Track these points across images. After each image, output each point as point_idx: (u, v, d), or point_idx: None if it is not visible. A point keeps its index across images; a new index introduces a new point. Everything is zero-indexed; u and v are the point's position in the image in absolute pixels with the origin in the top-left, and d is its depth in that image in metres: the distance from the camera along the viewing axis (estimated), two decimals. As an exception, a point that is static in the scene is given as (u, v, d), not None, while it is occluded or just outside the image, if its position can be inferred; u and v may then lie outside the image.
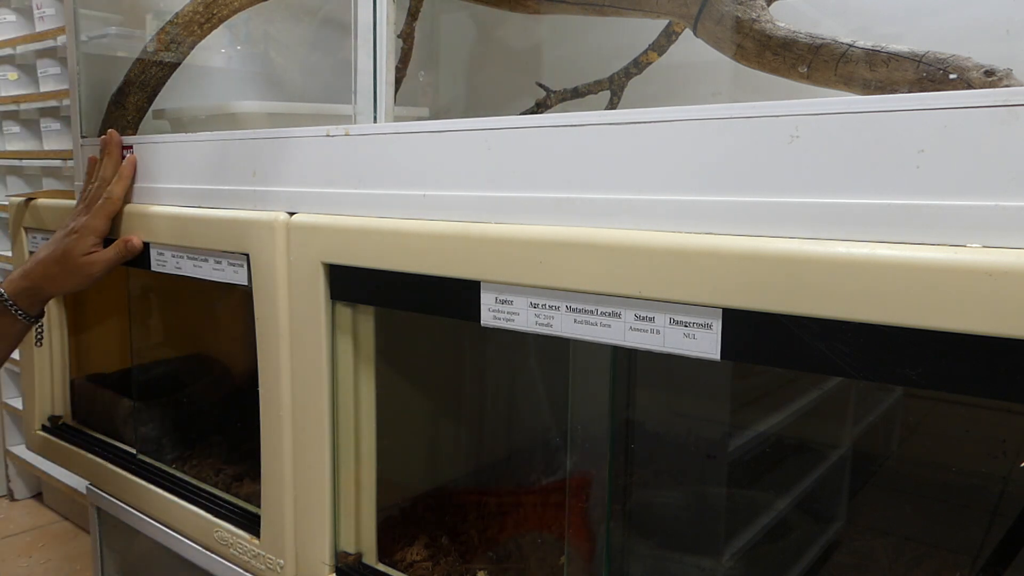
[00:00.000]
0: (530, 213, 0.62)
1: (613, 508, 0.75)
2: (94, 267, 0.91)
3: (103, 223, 0.92)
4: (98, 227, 0.92)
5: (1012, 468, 0.90)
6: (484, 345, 1.01)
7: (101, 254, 0.91)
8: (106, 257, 0.91)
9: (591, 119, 0.59)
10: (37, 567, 1.85)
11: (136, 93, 1.05)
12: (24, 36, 2.02)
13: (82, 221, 0.92)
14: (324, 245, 0.74)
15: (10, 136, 2.12)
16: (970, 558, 0.87)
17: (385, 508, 0.84)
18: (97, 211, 0.92)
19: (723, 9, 0.71)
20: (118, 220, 0.94)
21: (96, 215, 0.92)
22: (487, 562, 0.86)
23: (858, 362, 0.47)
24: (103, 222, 0.92)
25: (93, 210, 0.93)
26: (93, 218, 0.92)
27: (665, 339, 0.54)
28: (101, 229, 0.92)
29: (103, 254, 0.92)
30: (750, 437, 0.91)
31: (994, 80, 0.55)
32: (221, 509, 0.92)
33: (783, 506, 0.92)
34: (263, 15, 1.33)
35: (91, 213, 0.92)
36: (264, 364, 0.81)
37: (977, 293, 0.41)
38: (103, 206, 0.93)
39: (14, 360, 2.17)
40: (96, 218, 0.92)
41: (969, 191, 0.44)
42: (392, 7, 0.76)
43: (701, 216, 0.53)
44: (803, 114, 0.49)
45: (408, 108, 1.26)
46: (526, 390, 1.01)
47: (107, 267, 0.91)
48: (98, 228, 0.92)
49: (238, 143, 0.85)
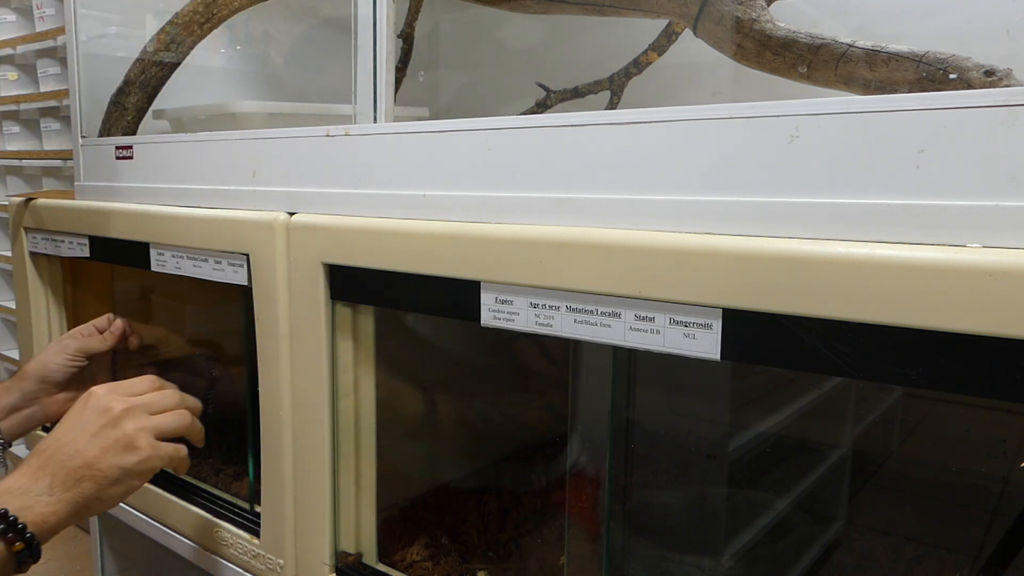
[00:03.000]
0: (530, 213, 0.62)
1: (613, 508, 0.75)
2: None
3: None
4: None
5: (1012, 468, 0.90)
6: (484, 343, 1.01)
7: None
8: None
9: (591, 119, 0.59)
10: (37, 567, 1.85)
11: (136, 93, 1.05)
12: (24, 36, 2.02)
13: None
14: (324, 245, 0.74)
15: (10, 136, 2.12)
16: (970, 558, 0.87)
17: (385, 508, 0.84)
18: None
19: (723, 9, 0.71)
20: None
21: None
22: (487, 562, 0.86)
23: (858, 362, 0.47)
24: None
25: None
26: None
27: (665, 339, 0.54)
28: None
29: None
30: (750, 437, 0.91)
31: (994, 80, 0.55)
32: (221, 509, 0.92)
33: (783, 506, 0.92)
34: (263, 15, 1.33)
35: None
36: (264, 364, 0.81)
37: (977, 293, 0.41)
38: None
39: (14, 360, 2.17)
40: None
41: (969, 191, 0.44)
42: (392, 7, 0.76)
43: (701, 216, 0.53)
44: (803, 114, 0.49)
45: (408, 108, 1.26)
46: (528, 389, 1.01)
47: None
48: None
49: (238, 143, 0.85)
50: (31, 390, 0.87)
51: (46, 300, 1.17)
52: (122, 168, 1.02)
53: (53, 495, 0.63)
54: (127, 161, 1.01)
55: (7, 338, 2.25)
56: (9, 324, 2.24)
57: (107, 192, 1.04)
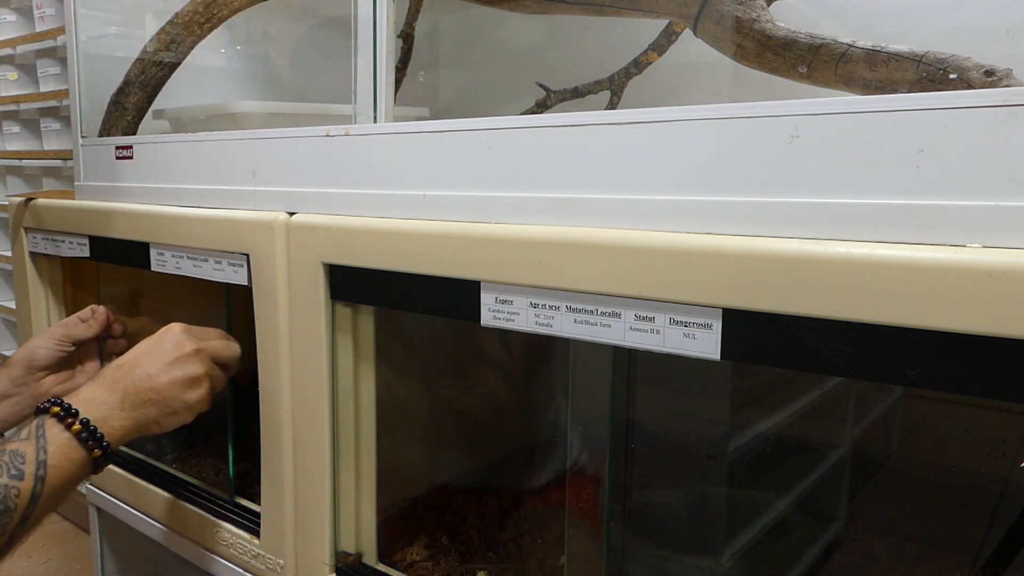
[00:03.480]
0: (530, 213, 0.62)
1: (613, 508, 0.75)
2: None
3: None
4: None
5: (1012, 468, 0.90)
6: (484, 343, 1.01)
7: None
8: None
9: (591, 119, 0.59)
10: (37, 567, 1.84)
11: (136, 93, 1.05)
12: (24, 36, 2.02)
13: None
14: (324, 245, 0.74)
15: (10, 136, 2.12)
16: (970, 558, 0.87)
17: (385, 508, 0.84)
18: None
19: (723, 9, 0.71)
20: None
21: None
22: (487, 562, 0.87)
23: (858, 362, 0.47)
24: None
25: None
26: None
27: (665, 339, 0.54)
28: None
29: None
30: (750, 437, 0.91)
31: (994, 80, 0.55)
32: (221, 509, 0.92)
33: (783, 506, 0.92)
34: (263, 15, 1.33)
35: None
36: (264, 364, 0.81)
37: (977, 293, 0.41)
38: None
39: (14, 360, 2.17)
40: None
41: (969, 191, 0.44)
42: (392, 7, 0.76)
43: (701, 216, 0.53)
44: (803, 114, 0.49)
45: (408, 108, 1.26)
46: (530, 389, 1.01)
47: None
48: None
49: (238, 143, 0.85)
50: (17, 375, 0.88)
51: (46, 300, 1.17)
52: (122, 168, 1.02)
53: (124, 410, 0.69)
54: (127, 161, 1.01)
55: (7, 338, 2.25)
56: (9, 324, 2.23)
57: (107, 192, 1.04)
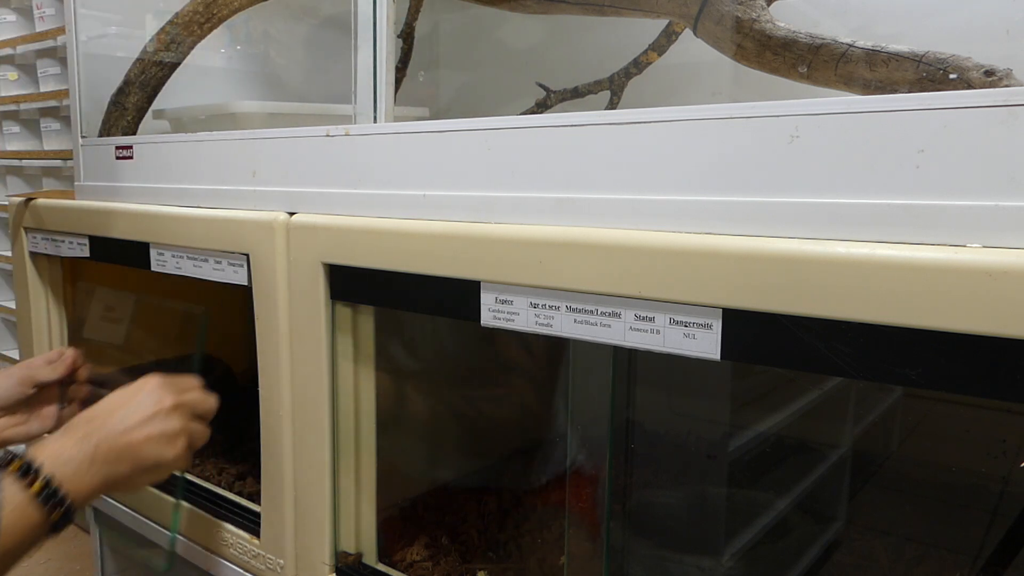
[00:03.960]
0: (530, 213, 0.62)
1: (613, 508, 0.75)
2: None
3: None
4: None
5: (1012, 468, 0.90)
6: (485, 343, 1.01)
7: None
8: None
9: (591, 119, 0.59)
10: (37, 567, 1.84)
11: (136, 93, 1.05)
12: (24, 36, 2.02)
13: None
14: (324, 245, 0.74)
15: (10, 136, 2.12)
16: (970, 558, 0.87)
17: (385, 508, 0.83)
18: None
19: (723, 9, 0.71)
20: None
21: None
22: (487, 562, 0.86)
23: (858, 362, 0.47)
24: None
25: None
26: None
27: (665, 339, 0.54)
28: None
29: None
30: (750, 437, 0.91)
31: (994, 80, 0.55)
32: (221, 509, 0.92)
33: (783, 506, 0.92)
34: (263, 15, 1.33)
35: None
36: (264, 364, 0.81)
37: (977, 293, 0.41)
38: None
39: (14, 360, 2.17)
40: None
41: (969, 191, 0.44)
42: (392, 7, 0.76)
43: (701, 216, 0.53)
44: (803, 114, 0.49)
45: (408, 108, 1.26)
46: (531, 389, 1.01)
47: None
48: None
49: (238, 143, 0.85)
50: None
51: (46, 300, 1.17)
52: (122, 168, 1.02)
53: (93, 466, 0.65)
54: (127, 161, 1.01)
55: (7, 338, 2.25)
56: (9, 324, 2.23)
57: (107, 192, 1.04)
